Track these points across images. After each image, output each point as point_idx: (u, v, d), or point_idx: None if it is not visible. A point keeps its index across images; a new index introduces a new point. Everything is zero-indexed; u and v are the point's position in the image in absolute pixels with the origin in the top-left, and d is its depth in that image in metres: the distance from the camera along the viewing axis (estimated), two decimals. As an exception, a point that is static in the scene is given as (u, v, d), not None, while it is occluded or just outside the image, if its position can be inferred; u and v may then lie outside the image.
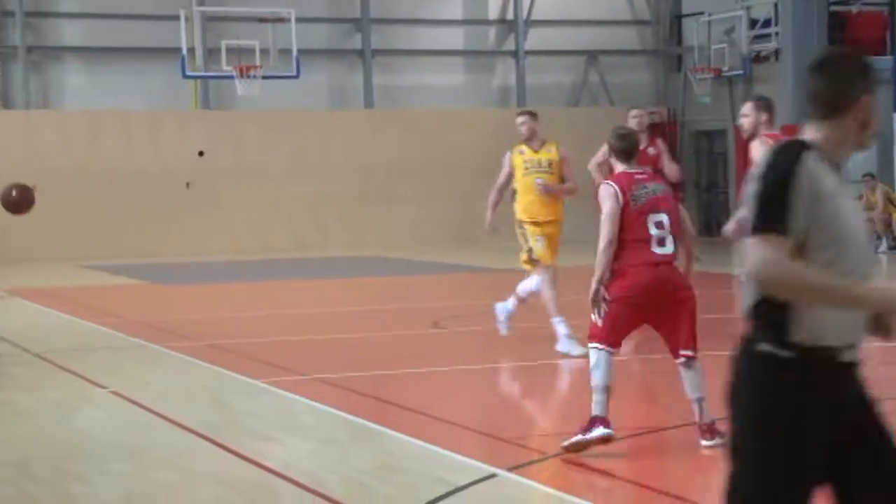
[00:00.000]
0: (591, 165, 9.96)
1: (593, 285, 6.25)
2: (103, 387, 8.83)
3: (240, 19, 23.29)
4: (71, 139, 22.95)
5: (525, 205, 10.12)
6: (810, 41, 20.52)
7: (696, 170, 26.75)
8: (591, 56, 27.11)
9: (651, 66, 28.19)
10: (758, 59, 24.98)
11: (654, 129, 25.82)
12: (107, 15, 23.90)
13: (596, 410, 6.18)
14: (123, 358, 10.70)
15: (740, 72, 24.51)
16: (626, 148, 6.53)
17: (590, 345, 6.37)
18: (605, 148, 6.72)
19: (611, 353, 6.25)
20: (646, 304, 6.27)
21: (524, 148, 10.21)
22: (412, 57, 26.31)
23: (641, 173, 6.57)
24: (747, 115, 8.16)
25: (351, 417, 7.59)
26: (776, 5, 23.50)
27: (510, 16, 26.76)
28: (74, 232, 22.17)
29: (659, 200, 6.37)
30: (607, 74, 27.16)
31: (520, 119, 10.42)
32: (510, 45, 26.85)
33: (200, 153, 23.66)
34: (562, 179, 10.16)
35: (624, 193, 6.28)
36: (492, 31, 27.25)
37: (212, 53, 22.69)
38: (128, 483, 6.07)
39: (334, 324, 13.08)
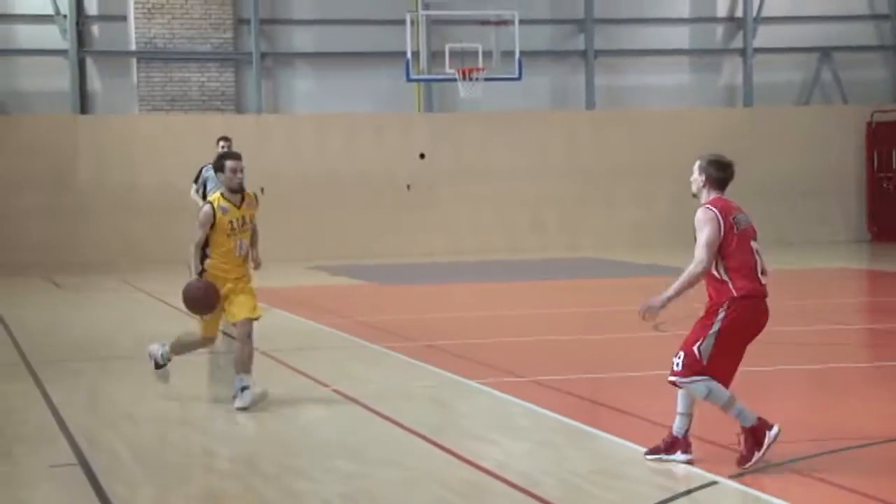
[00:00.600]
0: None
1: (662, 301, 6.24)
2: (326, 385, 9.14)
3: (463, 22, 23.62)
4: (298, 142, 23.90)
5: None
6: None
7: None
8: (825, 53, 26.09)
9: (889, 63, 26.87)
10: None
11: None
12: (336, 21, 24.78)
13: (746, 422, 6.10)
14: (345, 357, 11.06)
15: None
16: (725, 178, 6.42)
17: (688, 380, 6.17)
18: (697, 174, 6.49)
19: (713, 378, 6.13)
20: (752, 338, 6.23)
21: None
22: (636, 57, 25.95)
23: (733, 202, 6.41)
24: None
25: (567, 420, 7.57)
26: None
27: (739, 13, 26.08)
28: (299, 233, 23.04)
29: (753, 230, 6.27)
30: (841, 72, 26.05)
31: None
32: (738, 42, 26.15)
33: (422, 155, 24.15)
34: None
35: (725, 219, 6.16)
36: (719, 29, 26.57)
37: (435, 56, 23.14)
38: (350, 481, 6.25)
39: (551, 325, 13.10)
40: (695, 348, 6.13)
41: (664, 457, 6.23)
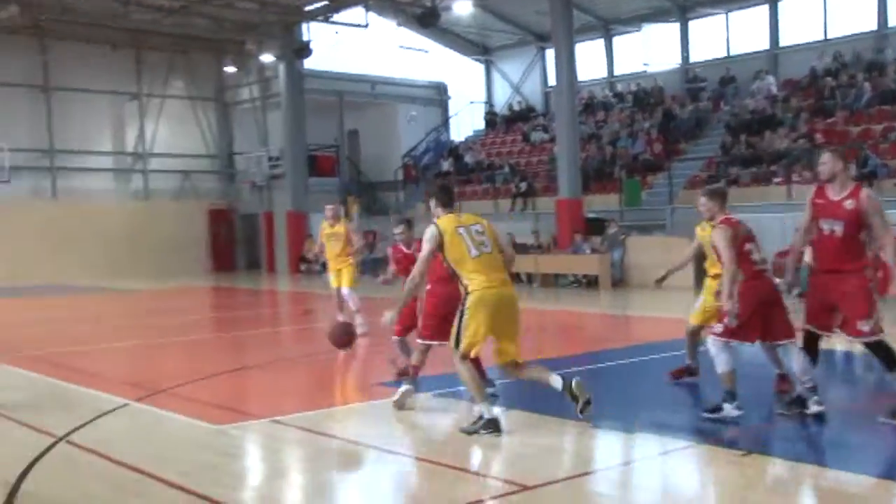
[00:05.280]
0: None
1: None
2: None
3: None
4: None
5: None
6: None
7: None
8: (186, 174, 31.22)
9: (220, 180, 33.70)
10: None
11: None
12: None
13: None
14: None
15: None
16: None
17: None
18: None
19: None
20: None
21: None
22: (82, 171, 34.80)
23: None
24: None
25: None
26: None
27: (140, 150, 32.40)
28: None
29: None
30: (196, 184, 35.51)
31: None
32: (142, 165, 33.60)
33: None
34: None
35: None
36: (129, 159, 36.43)
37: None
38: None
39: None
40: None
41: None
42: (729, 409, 7.48)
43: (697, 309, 8.98)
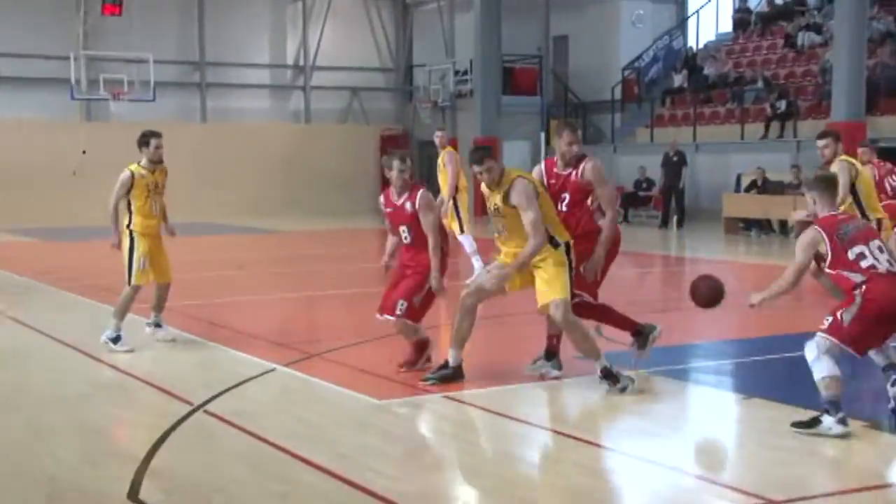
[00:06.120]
0: None
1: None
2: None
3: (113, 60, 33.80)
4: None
5: None
6: None
7: None
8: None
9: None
10: None
11: None
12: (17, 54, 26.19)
13: None
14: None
15: None
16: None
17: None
18: None
19: None
20: None
21: None
22: (235, 88, 37.08)
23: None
24: None
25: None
26: None
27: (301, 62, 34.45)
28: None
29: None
30: (364, 103, 34.42)
31: None
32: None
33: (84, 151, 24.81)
34: None
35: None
36: (289, 72, 38.57)
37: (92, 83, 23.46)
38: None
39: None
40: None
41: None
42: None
43: None
